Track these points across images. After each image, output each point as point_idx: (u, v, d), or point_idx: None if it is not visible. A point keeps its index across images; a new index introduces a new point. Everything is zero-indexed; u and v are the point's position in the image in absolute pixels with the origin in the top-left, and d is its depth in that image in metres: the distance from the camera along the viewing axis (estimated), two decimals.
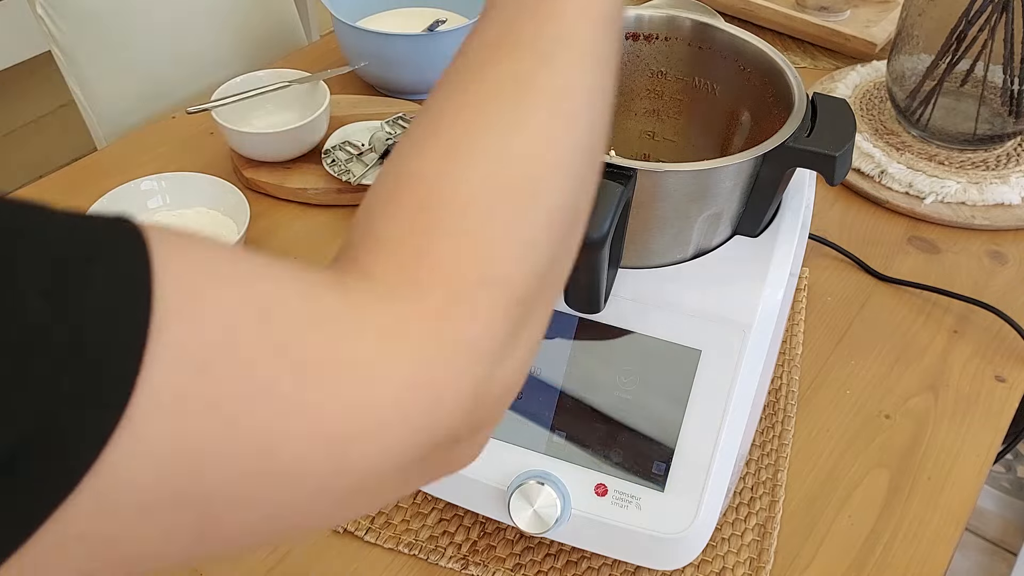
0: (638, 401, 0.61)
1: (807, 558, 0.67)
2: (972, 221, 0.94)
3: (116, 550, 0.25)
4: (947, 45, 0.95)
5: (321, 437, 0.26)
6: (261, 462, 0.25)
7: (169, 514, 0.25)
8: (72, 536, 0.24)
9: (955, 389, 0.79)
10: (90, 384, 0.22)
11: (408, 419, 0.28)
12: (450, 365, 0.29)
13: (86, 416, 0.22)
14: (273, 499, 0.26)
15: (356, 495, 0.28)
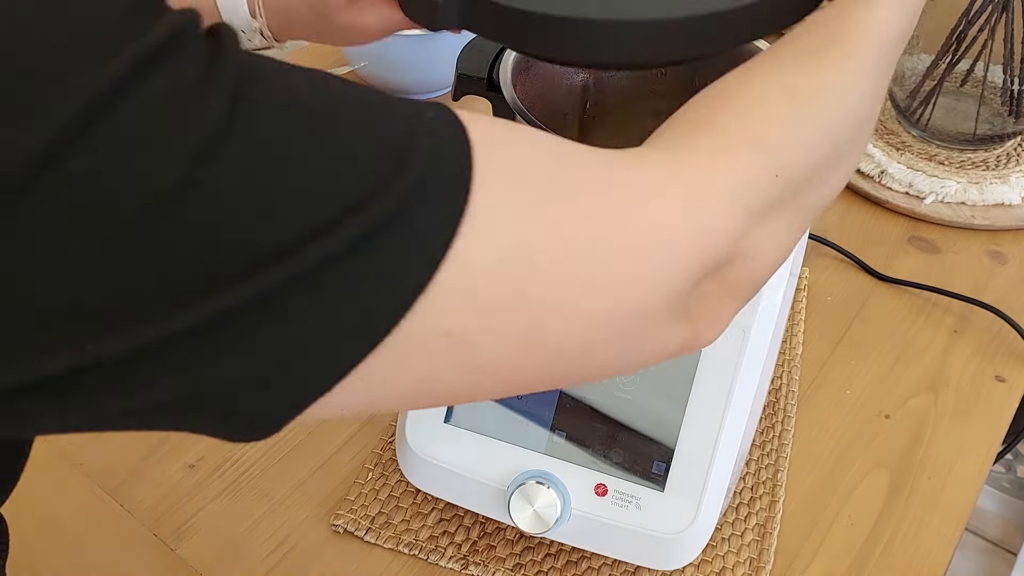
0: (638, 401, 0.61)
1: (807, 558, 0.67)
2: (972, 221, 0.94)
3: (456, 357, 0.30)
4: (947, 45, 0.95)
5: (625, 248, 0.32)
6: (578, 267, 0.31)
7: (503, 317, 0.30)
8: (427, 330, 0.29)
9: (955, 389, 0.79)
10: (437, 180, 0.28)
11: (686, 239, 0.33)
12: (716, 203, 0.34)
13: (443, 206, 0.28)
14: (583, 309, 0.31)
15: (639, 321, 0.33)
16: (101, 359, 0.25)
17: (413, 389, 0.31)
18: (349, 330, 0.28)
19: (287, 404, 0.29)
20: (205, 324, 0.26)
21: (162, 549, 0.68)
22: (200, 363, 0.27)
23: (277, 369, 0.28)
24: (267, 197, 0.26)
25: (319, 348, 0.28)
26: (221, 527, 0.69)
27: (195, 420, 0.29)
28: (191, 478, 0.73)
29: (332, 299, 0.27)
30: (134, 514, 0.70)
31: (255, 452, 0.74)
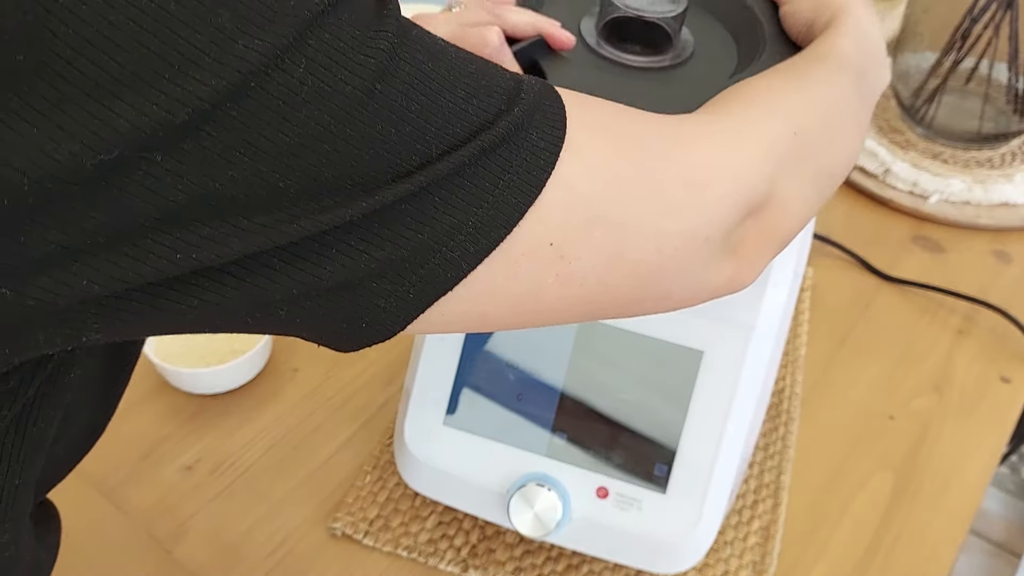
0: (640, 403, 0.60)
1: (811, 561, 0.67)
2: (977, 220, 0.93)
3: (556, 266, 0.36)
4: (952, 43, 0.94)
5: (690, 181, 0.39)
6: (654, 195, 0.38)
7: (596, 232, 0.36)
8: (535, 240, 0.35)
9: (960, 390, 0.78)
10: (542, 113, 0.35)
11: (733, 176, 0.40)
12: (752, 151, 0.42)
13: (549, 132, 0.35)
14: (658, 229, 0.38)
15: (698, 245, 0.39)
16: (289, 239, 0.30)
17: (522, 298, 0.36)
18: (473, 233, 0.33)
19: (413, 301, 0.34)
20: (366, 216, 0.31)
21: (159, 551, 0.68)
22: (357, 250, 0.32)
23: (412, 263, 0.33)
24: (421, 113, 0.32)
25: (448, 247, 0.33)
26: (218, 529, 0.69)
27: (328, 318, 0.34)
28: (188, 480, 0.72)
29: (463, 203, 0.33)
30: (130, 516, 0.70)
31: (252, 453, 0.74)
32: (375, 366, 0.81)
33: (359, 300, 0.33)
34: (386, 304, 0.34)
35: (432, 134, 0.32)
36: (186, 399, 0.78)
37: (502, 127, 0.33)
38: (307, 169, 0.30)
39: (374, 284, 0.33)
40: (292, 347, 0.82)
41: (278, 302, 0.32)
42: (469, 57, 0.35)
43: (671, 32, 0.58)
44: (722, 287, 0.43)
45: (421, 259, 0.33)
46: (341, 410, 0.77)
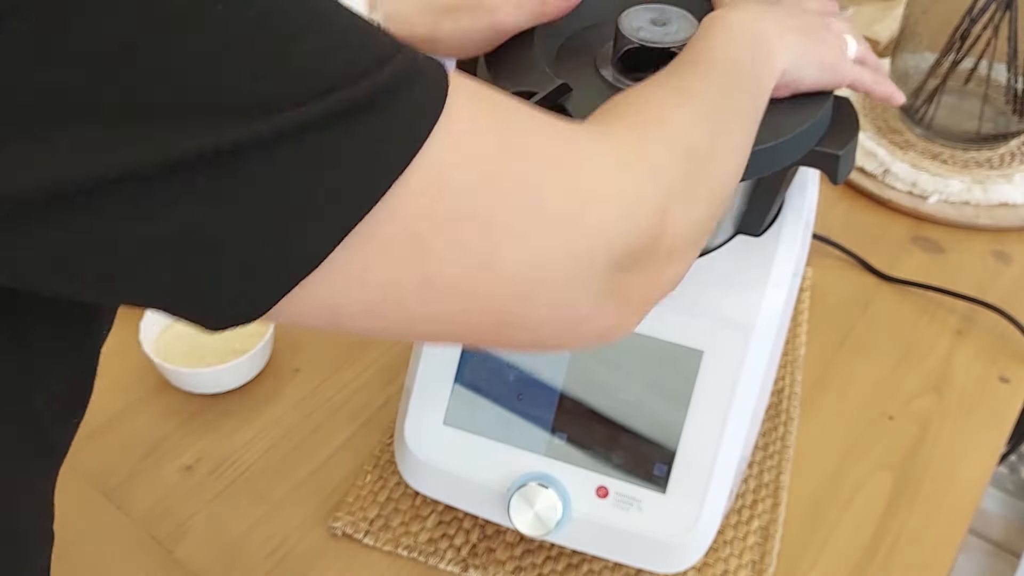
0: (639, 403, 0.60)
1: (810, 561, 0.67)
2: (976, 220, 0.93)
3: (420, 265, 0.32)
4: (951, 43, 0.94)
5: (575, 193, 0.36)
6: (534, 200, 0.35)
7: (465, 230, 0.33)
8: (396, 228, 0.31)
9: (959, 390, 0.78)
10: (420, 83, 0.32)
11: (620, 199, 0.37)
12: (642, 183, 0.39)
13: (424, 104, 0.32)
14: (534, 241, 0.35)
15: (579, 271, 0.36)
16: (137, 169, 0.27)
17: (380, 298, 0.33)
18: (333, 203, 0.30)
19: (273, 279, 0.31)
20: (204, 157, 0.28)
21: (159, 551, 0.68)
22: (201, 199, 0.28)
23: (268, 230, 0.30)
24: (280, 44, 0.29)
25: (306, 216, 0.30)
26: (218, 529, 0.69)
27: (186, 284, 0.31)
28: (188, 480, 0.72)
29: (319, 164, 0.29)
30: (131, 516, 0.70)
31: (253, 453, 0.74)
32: (375, 366, 0.81)
33: (211, 267, 0.30)
34: (244, 282, 0.30)
35: (281, 77, 0.29)
36: (187, 399, 0.78)
37: (365, 87, 0.30)
38: (133, 81, 0.26)
39: (226, 249, 0.29)
40: (293, 347, 0.82)
41: (124, 255, 0.29)
42: (348, 12, 0.32)
43: None
44: (603, 332, 0.40)
45: (279, 230, 0.30)
46: (341, 410, 0.77)
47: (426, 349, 0.64)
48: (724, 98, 0.47)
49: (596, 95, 0.57)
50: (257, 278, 0.31)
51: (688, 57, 0.49)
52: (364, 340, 0.83)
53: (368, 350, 0.82)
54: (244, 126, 0.28)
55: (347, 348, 0.82)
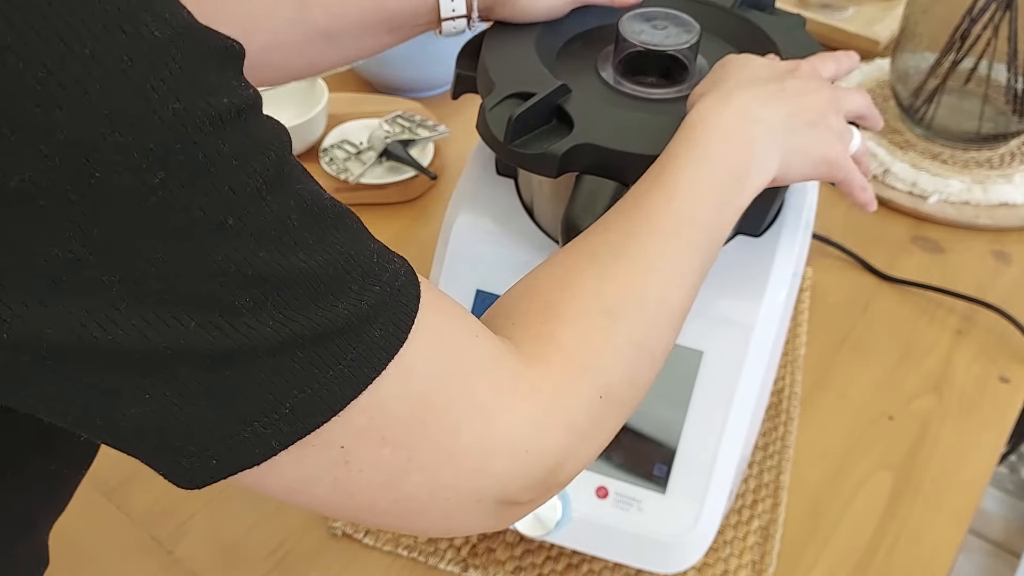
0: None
1: (810, 561, 0.67)
2: (976, 220, 0.93)
3: (339, 470, 0.34)
4: (951, 43, 0.94)
5: (489, 444, 0.38)
6: (449, 441, 0.36)
7: (386, 452, 0.35)
8: (333, 440, 0.33)
9: (959, 390, 0.78)
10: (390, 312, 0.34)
11: (526, 451, 0.39)
12: (556, 423, 0.40)
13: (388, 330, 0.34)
14: (439, 477, 0.37)
15: (470, 504, 0.38)
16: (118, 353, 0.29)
17: (295, 484, 0.35)
18: (290, 415, 0.32)
19: (216, 468, 0.33)
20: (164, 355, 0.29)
21: (159, 551, 0.68)
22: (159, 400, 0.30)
23: (222, 428, 0.31)
24: (273, 259, 0.30)
25: (262, 423, 0.32)
26: (218, 529, 0.69)
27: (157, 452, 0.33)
28: None
29: (286, 378, 0.31)
30: (131, 516, 0.70)
31: None
32: None
33: (166, 453, 0.33)
34: (188, 463, 0.32)
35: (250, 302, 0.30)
36: None
37: (344, 312, 0.32)
38: (136, 272, 0.28)
39: (178, 442, 0.32)
40: None
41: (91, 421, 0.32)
42: (347, 225, 0.34)
43: (687, 62, 0.59)
44: (485, 529, 0.42)
45: (239, 423, 0.32)
46: None
47: None
48: (669, 269, 0.45)
49: (596, 97, 0.57)
50: (199, 467, 0.33)
51: (650, 189, 0.47)
52: None
53: None
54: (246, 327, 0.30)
55: None
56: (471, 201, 0.65)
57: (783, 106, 0.50)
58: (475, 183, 0.66)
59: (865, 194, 0.54)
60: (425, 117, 1.00)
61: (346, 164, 0.96)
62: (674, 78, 0.60)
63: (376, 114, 1.02)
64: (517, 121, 0.52)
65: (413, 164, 0.95)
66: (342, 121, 1.00)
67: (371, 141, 0.97)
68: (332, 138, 0.98)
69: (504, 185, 0.66)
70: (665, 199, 0.46)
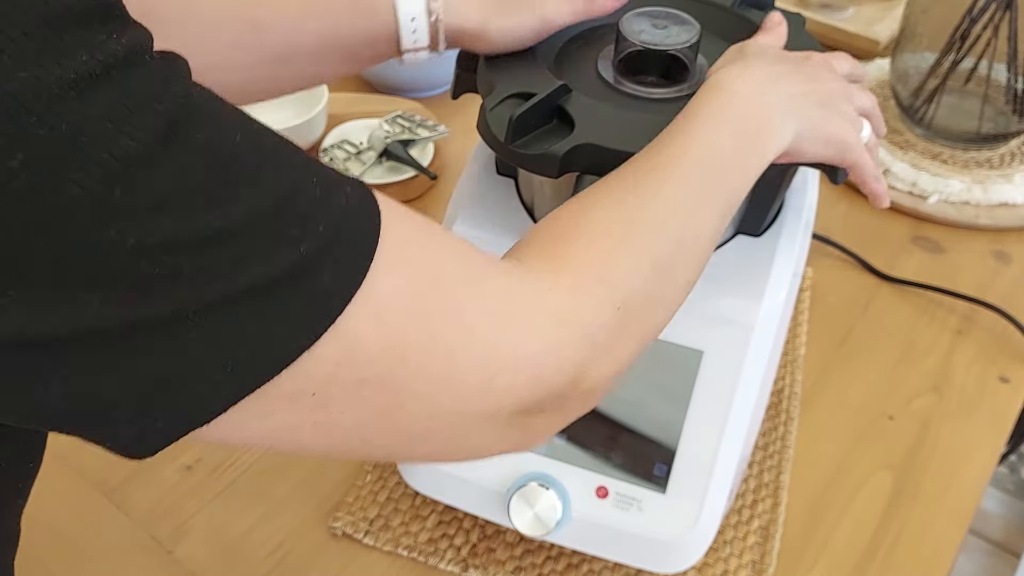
0: (639, 402, 0.60)
1: (810, 560, 0.67)
2: (976, 220, 0.93)
3: (316, 415, 0.33)
4: (951, 43, 0.94)
5: (491, 362, 0.36)
6: (446, 369, 0.34)
7: (369, 392, 0.33)
8: (297, 389, 0.32)
9: (959, 390, 0.78)
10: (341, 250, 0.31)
11: (540, 367, 0.37)
12: (569, 334, 0.38)
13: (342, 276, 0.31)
14: (439, 404, 0.35)
15: (481, 424, 0.37)
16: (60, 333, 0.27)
17: (273, 433, 0.33)
18: (235, 372, 0.30)
19: (163, 431, 0.31)
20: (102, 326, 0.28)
21: (159, 551, 0.68)
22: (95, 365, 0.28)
23: (166, 391, 0.30)
24: (179, 223, 0.27)
25: (207, 380, 0.30)
26: (218, 529, 0.69)
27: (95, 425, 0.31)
28: (188, 480, 0.72)
29: (219, 339, 0.29)
30: (131, 516, 0.70)
31: (253, 454, 0.74)
32: None
33: (104, 424, 0.31)
34: (141, 428, 0.31)
35: (191, 252, 0.28)
36: None
37: (285, 260, 0.30)
38: (60, 252, 0.26)
39: (120, 410, 0.30)
40: None
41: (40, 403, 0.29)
42: (270, 155, 0.31)
43: (687, 62, 0.59)
44: (504, 451, 0.40)
45: (175, 388, 0.30)
46: None
47: None
48: (688, 207, 0.45)
49: (597, 97, 0.57)
50: (148, 432, 0.31)
51: (668, 137, 0.47)
52: None
53: None
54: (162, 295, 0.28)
55: None
56: (471, 201, 0.65)
57: (799, 85, 0.51)
58: (475, 183, 0.66)
59: (878, 184, 0.55)
60: (425, 117, 1.01)
61: (346, 164, 0.96)
62: (675, 78, 0.60)
63: (376, 114, 1.02)
64: (518, 121, 0.52)
65: (413, 164, 0.95)
66: (342, 121, 1.01)
67: (371, 141, 0.97)
68: (332, 138, 0.98)
69: (504, 185, 0.66)
70: (683, 147, 0.46)
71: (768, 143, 0.48)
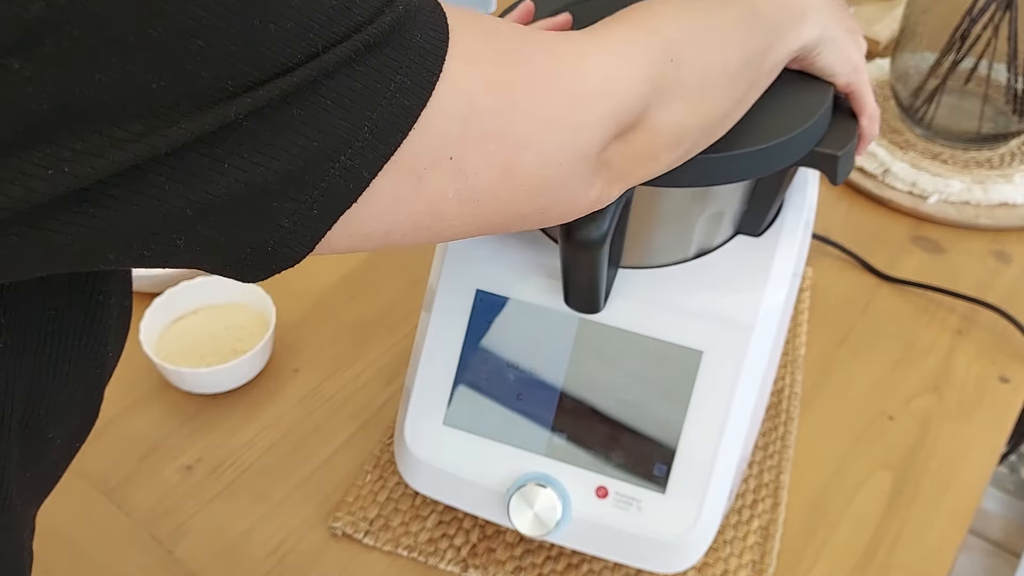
0: (639, 402, 0.60)
1: (810, 560, 0.67)
2: (976, 220, 0.93)
3: (456, 182, 0.36)
4: (951, 43, 0.95)
5: (575, 97, 0.39)
6: (543, 110, 0.38)
7: (492, 147, 0.37)
8: (433, 151, 0.34)
9: (959, 390, 0.78)
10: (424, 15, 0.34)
11: (608, 95, 0.41)
12: (629, 72, 0.42)
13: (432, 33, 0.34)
14: (546, 145, 0.39)
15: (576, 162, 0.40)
16: (171, 145, 0.28)
17: (423, 214, 0.36)
18: (370, 138, 0.32)
19: (318, 217, 0.33)
20: (252, 116, 0.29)
21: (159, 551, 0.68)
22: (249, 161, 0.30)
23: (312, 174, 0.31)
24: (302, 7, 0.29)
25: (347, 155, 0.32)
26: (218, 529, 0.69)
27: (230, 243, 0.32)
28: (188, 480, 0.72)
29: (354, 104, 0.31)
30: (131, 516, 0.70)
31: (253, 453, 0.74)
32: (375, 366, 0.81)
33: (260, 219, 0.31)
34: (290, 223, 0.32)
35: (314, 30, 0.30)
36: (186, 399, 0.78)
37: (386, 22, 0.32)
38: (181, 67, 0.27)
39: (274, 201, 0.31)
40: (293, 347, 0.82)
41: (172, 225, 0.30)
42: None
43: None
44: (591, 203, 0.44)
45: (320, 169, 0.31)
46: (341, 410, 0.77)
47: (426, 349, 0.64)
48: (731, 30, 0.48)
49: None
50: (302, 222, 0.32)
51: None
52: (364, 340, 0.83)
53: (368, 350, 0.82)
54: (276, 83, 0.29)
55: (347, 348, 0.82)
56: None
57: (837, 8, 0.56)
58: None
59: (873, 125, 0.59)
60: None
61: None
62: None
63: None
64: None
65: None
66: None
67: None
68: None
69: None
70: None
71: (801, 27, 0.52)
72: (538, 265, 0.62)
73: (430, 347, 0.63)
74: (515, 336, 0.62)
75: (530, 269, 0.62)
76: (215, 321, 0.81)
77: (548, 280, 0.61)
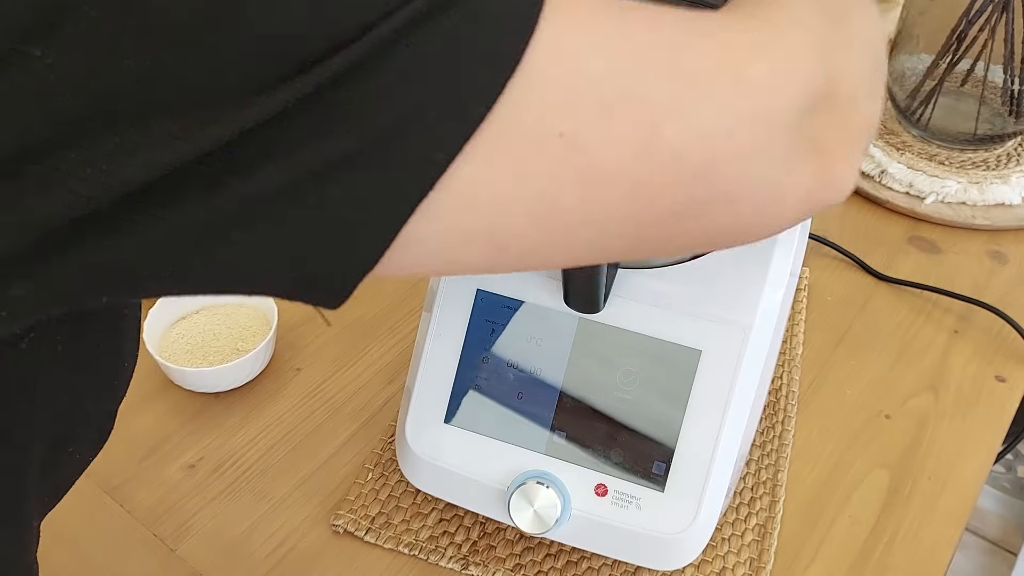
0: (638, 401, 0.61)
1: (807, 558, 0.67)
2: (972, 221, 0.94)
3: (572, 162, 0.29)
4: (948, 45, 0.95)
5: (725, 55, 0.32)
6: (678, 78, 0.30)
7: (616, 118, 0.29)
8: (535, 127, 0.28)
9: (955, 389, 0.79)
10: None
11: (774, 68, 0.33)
12: (788, 33, 0.34)
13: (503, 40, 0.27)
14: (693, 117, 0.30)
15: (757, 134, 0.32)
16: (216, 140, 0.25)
17: (538, 205, 0.30)
18: (445, 111, 0.27)
19: (390, 210, 0.27)
20: (308, 99, 0.25)
21: (162, 549, 0.68)
22: (306, 146, 0.26)
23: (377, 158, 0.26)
24: None
25: (417, 131, 0.27)
26: (221, 527, 0.69)
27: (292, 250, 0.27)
28: (190, 478, 0.72)
29: (419, 72, 0.26)
30: (134, 514, 0.70)
31: (255, 452, 0.74)
32: (377, 365, 0.81)
33: (319, 217, 0.27)
34: (354, 217, 0.27)
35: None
36: (189, 398, 0.78)
37: None
38: (221, 48, 0.24)
39: (335, 190, 0.26)
40: (294, 347, 0.82)
41: (228, 234, 0.26)
42: None
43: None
44: (812, 191, 0.35)
45: (386, 151, 0.26)
46: (343, 409, 0.78)
47: (427, 349, 0.64)
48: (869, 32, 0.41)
49: None
50: (370, 217, 0.27)
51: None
52: (365, 339, 0.83)
53: (369, 350, 0.82)
54: (330, 60, 0.25)
55: (348, 348, 0.82)
56: None
57: None
58: None
59: None
60: None
61: None
62: None
63: None
64: None
65: None
66: None
67: None
68: None
69: None
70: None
71: None
72: None
73: (431, 347, 0.64)
74: (515, 336, 0.63)
75: None
76: (218, 320, 0.82)
77: (548, 280, 0.62)
